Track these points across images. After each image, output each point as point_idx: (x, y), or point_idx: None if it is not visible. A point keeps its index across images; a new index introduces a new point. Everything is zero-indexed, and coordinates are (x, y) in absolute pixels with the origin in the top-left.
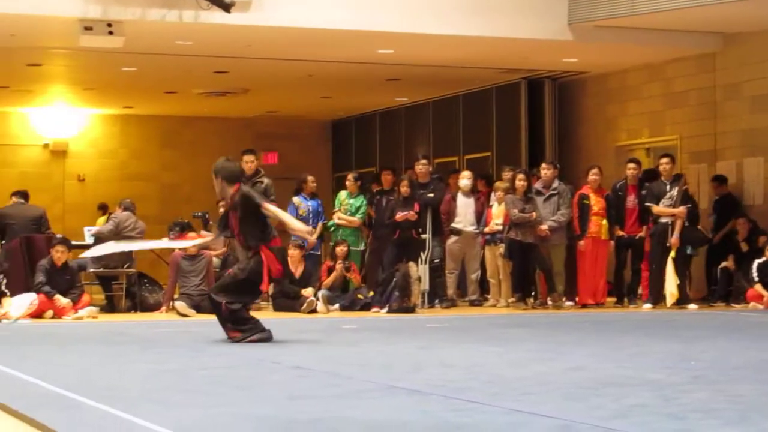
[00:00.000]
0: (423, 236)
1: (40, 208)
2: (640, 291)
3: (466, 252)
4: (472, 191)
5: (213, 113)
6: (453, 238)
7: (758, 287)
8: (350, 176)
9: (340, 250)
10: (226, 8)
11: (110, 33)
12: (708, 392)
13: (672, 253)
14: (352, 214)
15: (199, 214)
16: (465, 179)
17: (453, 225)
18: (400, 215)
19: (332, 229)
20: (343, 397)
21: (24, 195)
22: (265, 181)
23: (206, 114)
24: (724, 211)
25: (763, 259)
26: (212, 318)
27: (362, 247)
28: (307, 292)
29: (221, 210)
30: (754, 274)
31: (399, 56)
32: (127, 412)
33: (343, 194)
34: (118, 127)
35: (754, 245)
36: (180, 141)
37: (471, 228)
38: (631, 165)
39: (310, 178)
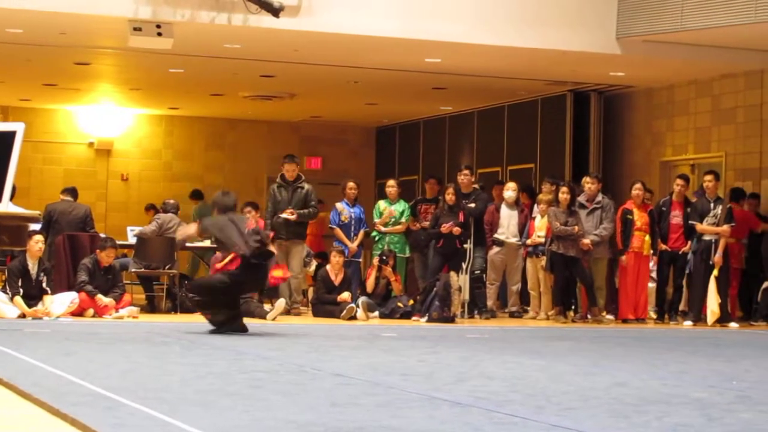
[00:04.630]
0: (465, 246)
1: (86, 207)
2: (681, 307)
3: (507, 263)
4: (516, 203)
5: (258, 116)
6: (495, 249)
7: None
8: (390, 182)
9: (388, 270)
10: (275, 13)
11: (159, 34)
12: (753, 413)
13: (715, 272)
14: (396, 220)
15: None
16: (510, 191)
17: (496, 236)
18: (445, 226)
19: (377, 238)
20: (385, 406)
21: (73, 192)
22: (306, 186)
23: (251, 117)
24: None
25: None
26: (253, 322)
27: (408, 254)
28: (343, 296)
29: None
30: None
31: (446, 65)
32: (169, 414)
33: (382, 203)
34: (162, 127)
35: None
36: (224, 143)
37: (514, 239)
38: (679, 181)
39: (349, 184)
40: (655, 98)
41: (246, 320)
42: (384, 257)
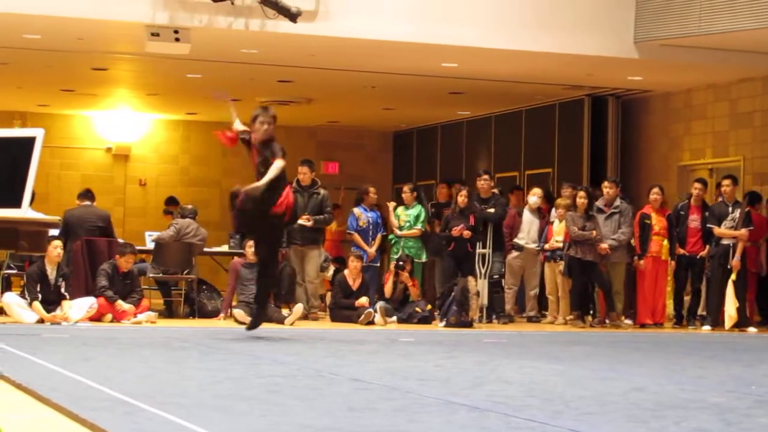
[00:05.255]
0: (481, 251)
1: (105, 212)
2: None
3: (526, 268)
4: (538, 209)
5: (276, 121)
6: (514, 254)
7: None
8: (406, 188)
9: (405, 275)
10: (293, 18)
11: (177, 40)
12: None
13: (733, 276)
14: (412, 225)
15: None
16: (535, 196)
17: (515, 240)
18: (456, 230)
19: (393, 242)
20: (403, 410)
21: (89, 195)
22: (322, 192)
23: None
24: None
25: None
26: (270, 327)
27: (425, 259)
28: (361, 301)
29: None
30: None
31: (463, 70)
32: (187, 419)
33: (399, 208)
34: (180, 132)
35: None
36: (242, 148)
37: (533, 245)
38: (697, 185)
39: (371, 189)
40: (672, 102)
41: (264, 325)
42: (401, 262)
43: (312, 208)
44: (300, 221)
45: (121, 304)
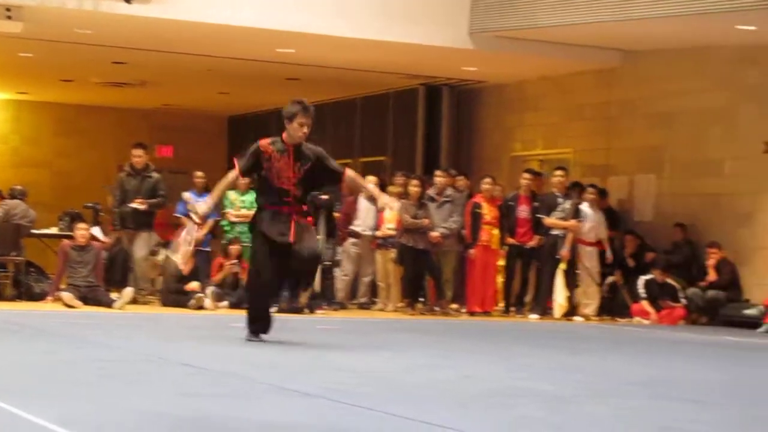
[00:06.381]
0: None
1: None
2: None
3: (362, 255)
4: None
5: (110, 103)
6: (351, 241)
7: (644, 304)
8: None
9: (234, 248)
10: None
11: (9, 17)
12: (596, 405)
13: (562, 266)
14: (248, 209)
15: (91, 204)
16: (372, 184)
17: (352, 227)
18: None
19: (227, 228)
20: (233, 396)
21: None
22: (155, 175)
23: (103, 104)
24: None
25: (650, 276)
26: (99, 310)
27: None
28: (191, 286)
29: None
30: (641, 290)
31: (299, 56)
32: (13, 404)
33: (231, 194)
34: (10, 112)
35: (642, 261)
36: (75, 129)
37: (370, 232)
38: (526, 175)
39: (197, 173)
40: (506, 94)
41: (92, 309)
42: (227, 246)
43: (145, 191)
44: (133, 204)
45: None
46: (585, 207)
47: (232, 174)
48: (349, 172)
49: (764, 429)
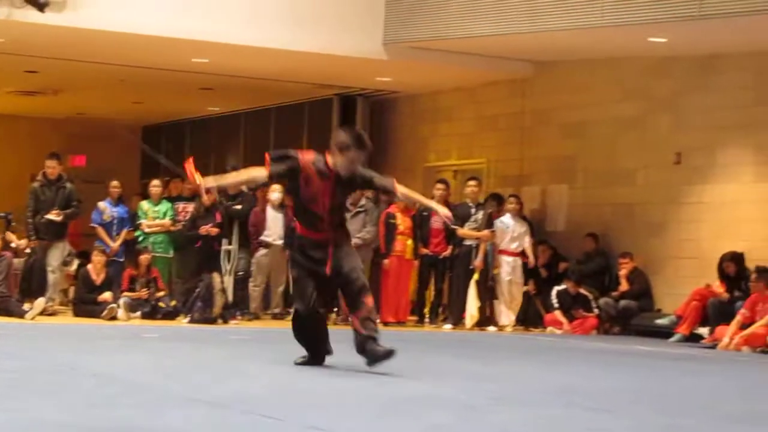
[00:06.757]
0: (228, 247)
1: None
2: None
3: (273, 265)
4: (281, 205)
5: (22, 112)
6: (262, 251)
7: (557, 314)
8: (154, 182)
9: (144, 258)
10: (41, 8)
11: None
12: (507, 414)
13: (475, 276)
14: (160, 219)
15: (2, 214)
16: (276, 192)
17: (262, 238)
18: (203, 228)
19: (141, 239)
20: (143, 407)
21: None
22: (68, 185)
23: (14, 112)
24: None
25: (563, 286)
26: (10, 321)
27: (171, 254)
28: (104, 296)
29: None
30: (554, 300)
31: (213, 66)
32: None
33: (145, 204)
34: None
35: (554, 271)
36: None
37: (280, 241)
38: (439, 185)
39: (113, 183)
40: (420, 104)
41: (3, 320)
42: (138, 255)
43: (60, 202)
44: (50, 216)
45: None
46: (507, 218)
47: (260, 174)
48: (401, 189)
49: None
